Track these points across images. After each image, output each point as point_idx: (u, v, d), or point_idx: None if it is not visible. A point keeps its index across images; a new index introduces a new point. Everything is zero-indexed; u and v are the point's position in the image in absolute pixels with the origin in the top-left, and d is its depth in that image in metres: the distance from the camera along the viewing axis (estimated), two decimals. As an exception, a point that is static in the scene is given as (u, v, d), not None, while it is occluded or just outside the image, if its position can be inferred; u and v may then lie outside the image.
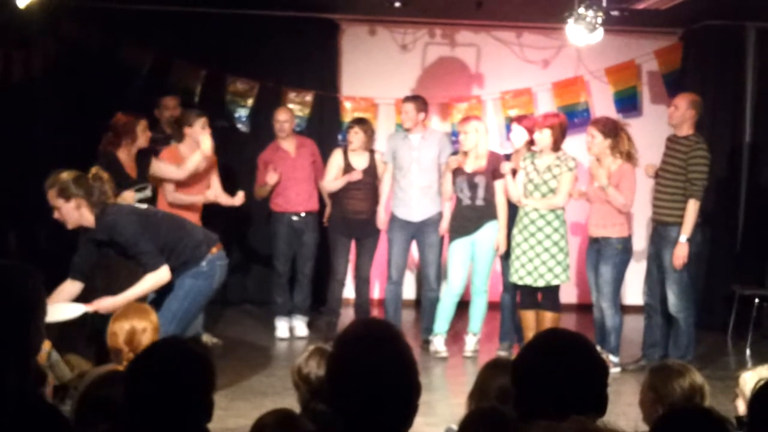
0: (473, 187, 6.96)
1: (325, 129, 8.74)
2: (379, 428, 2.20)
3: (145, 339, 3.84)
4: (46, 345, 4.82)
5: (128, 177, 6.18)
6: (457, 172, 6.99)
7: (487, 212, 6.99)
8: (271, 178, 7.37)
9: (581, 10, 6.30)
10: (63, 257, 7.26)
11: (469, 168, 6.96)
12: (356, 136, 7.36)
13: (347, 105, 8.82)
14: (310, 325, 7.74)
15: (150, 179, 6.49)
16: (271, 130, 7.80)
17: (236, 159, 8.24)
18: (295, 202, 7.54)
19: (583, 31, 6.46)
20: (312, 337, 7.46)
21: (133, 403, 2.28)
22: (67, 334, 5.20)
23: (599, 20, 6.33)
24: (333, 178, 7.38)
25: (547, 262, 6.63)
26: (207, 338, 7.14)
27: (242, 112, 8.61)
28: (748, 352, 7.46)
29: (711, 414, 2.77)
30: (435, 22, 8.83)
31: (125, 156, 6.29)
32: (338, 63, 8.90)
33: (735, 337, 7.82)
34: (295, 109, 8.48)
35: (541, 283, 6.66)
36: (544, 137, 6.66)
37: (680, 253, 6.50)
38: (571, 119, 8.74)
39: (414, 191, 7.22)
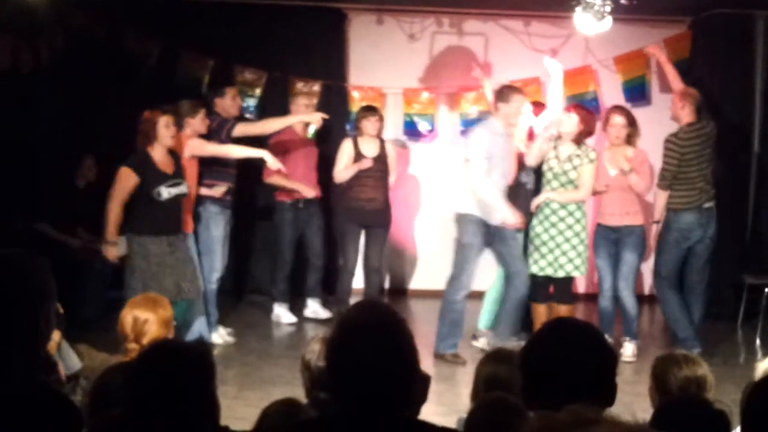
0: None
1: (333, 118, 8.72)
2: (378, 415, 2.20)
3: (147, 329, 3.88)
4: (56, 335, 4.85)
5: (161, 174, 6.01)
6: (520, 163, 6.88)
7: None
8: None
9: (589, -2, 6.28)
10: (67, 246, 7.36)
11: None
12: (378, 124, 7.43)
13: (355, 94, 8.80)
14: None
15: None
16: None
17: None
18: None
19: (591, 20, 6.44)
20: (320, 326, 7.47)
21: (135, 403, 2.32)
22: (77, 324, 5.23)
23: (607, 9, 6.31)
24: (343, 168, 7.37)
25: (568, 253, 6.60)
26: (222, 332, 7.10)
27: (250, 102, 8.60)
28: (757, 341, 7.43)
29: (708, 406, 2.77)
30: (442, 11, 8.80)
31: (159, 153, 6.05)
32: (346, 52, 8.88)
33: (744, 327, 7.80)
34: (303, 98, 8.49)
35: (561, 274, 6.64)
36: (571, 122, 6.65)
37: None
38: (579, 109, 8.73)
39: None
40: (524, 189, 6.90)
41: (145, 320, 3.92)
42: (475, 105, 8.80)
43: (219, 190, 6.86)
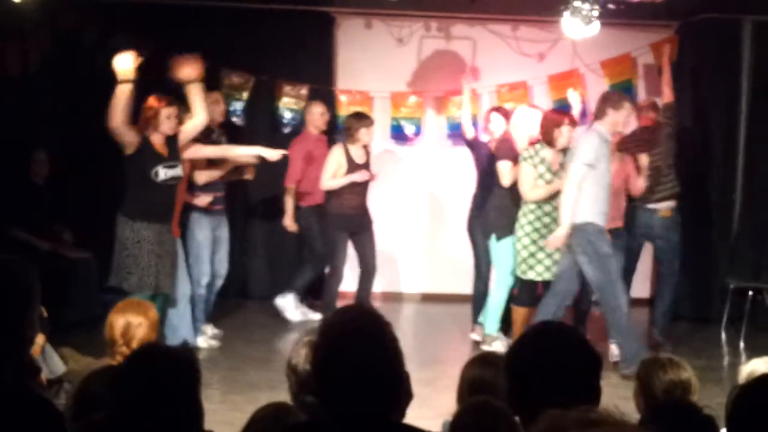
0: None
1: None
2: (364, 419, 2.21)
3: (139, 333, 3.88)
4: (40, 338, 4.83)
5: (158, 154, 5.99)
6: None
7: None
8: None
9: (577, 3, 6.32)
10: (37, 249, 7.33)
11: None
12: (373, 133, 7.48)
13: (342, 98, 8.80)
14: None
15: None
16: (266, 123, 7.86)
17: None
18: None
19: (579, 24, 6.46)
20: (306, 330, 7.47)
21: (121, 407, 2.32)
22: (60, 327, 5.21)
23: (595, 13, 6.33)
24: (331, 176, 7.33)
25: (554, 255, 6.61)
26: (209, 332, 7.14)
27: (237, 106, 8.59)
28: (741, 344, 7.46)
29: (697, 411, 2.78)
30: (431, 16, 8.82)
31: (156, 138, 6.03)
32: (334, 56, 8.88)
33: (729, 330, 7.83)
34: (290, 102, 8.52)
35: (548, 276, 6.64)
36: (569, 135, 6.59)
37: None
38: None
39: None
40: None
41: (138, 324, 3.93)
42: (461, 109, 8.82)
43: (204, 199, 6.85)
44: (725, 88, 8.40)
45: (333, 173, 7.33)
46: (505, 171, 6.92)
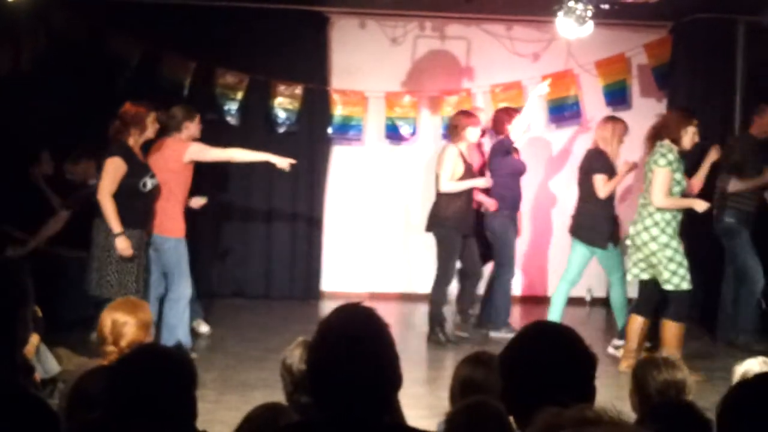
0: None
1: (315, 122, 8.73)
2: (358, 419, 2.20)
3: (128, 332, 3.85)
4: (35, 338, 4.81)
5: (142, 164, 6.05)
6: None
7: None
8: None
9: (571, 3, 6.32)
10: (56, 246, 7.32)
11: None
12: (480, 132, 7.31)
13: (337, 98, 8.81)
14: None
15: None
16: (260, 122, 7.82)
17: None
18: None
19: (573, 25, 6.47)
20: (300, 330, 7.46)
21: (115, 407, 2.32)
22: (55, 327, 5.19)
23: (589, 13, 6.34)
24: (449, 178, 7.08)
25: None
26: (200, 326, 7.26)
27: (232, 105, 8.58)
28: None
29: (695, 412, 2.78)
30: (425, 15, 8.83)
31: (133, 144, 6.06)
32: (328, 56, 8.88)
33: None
34: (284, 102, 8.51)
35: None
36: (693, 137, 6.44)
37: None
38: (560, 113, 8.82)
39: None
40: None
41: (124, 323, 3.90)
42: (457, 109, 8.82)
43: (198, 201, 6.86)
44: (719, 88, 8.41)
45: (452, 175, 7.11)
46: (600, 185, 6.88)
